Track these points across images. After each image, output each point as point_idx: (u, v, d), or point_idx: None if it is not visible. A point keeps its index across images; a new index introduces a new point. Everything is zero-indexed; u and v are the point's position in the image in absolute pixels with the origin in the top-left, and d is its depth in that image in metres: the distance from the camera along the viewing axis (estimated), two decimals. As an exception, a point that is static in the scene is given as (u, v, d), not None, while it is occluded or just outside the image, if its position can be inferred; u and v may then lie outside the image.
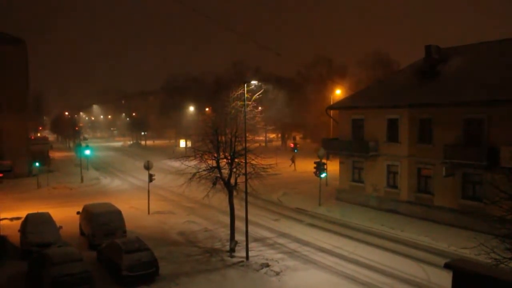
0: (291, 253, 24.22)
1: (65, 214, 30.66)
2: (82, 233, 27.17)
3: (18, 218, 29.66)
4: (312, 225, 30.26)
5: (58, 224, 24.98)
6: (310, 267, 22.08)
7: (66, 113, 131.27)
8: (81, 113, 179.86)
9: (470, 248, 20.47)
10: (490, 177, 23.38)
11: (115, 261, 20.23)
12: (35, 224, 24.14)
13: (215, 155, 23.24)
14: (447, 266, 5.01)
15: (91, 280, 18.59)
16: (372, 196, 34.22)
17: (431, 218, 29.50)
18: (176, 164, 25.47)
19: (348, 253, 23.96)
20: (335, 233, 28.20)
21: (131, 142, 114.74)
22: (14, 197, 40.59)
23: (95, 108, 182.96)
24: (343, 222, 30.70)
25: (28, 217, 25.33)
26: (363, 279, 20.25)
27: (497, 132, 26.10)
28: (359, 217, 31.37)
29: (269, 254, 24.02)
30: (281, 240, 26.72)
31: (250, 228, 24.33)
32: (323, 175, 35.66)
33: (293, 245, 25.66)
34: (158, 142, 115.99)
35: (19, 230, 24.95)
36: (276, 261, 22.72)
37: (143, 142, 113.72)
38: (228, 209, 24.56)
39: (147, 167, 33.13)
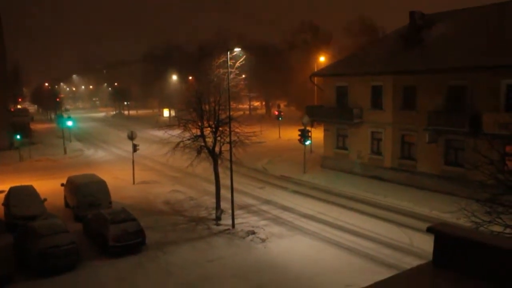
0: (276, 220, 24.52)
1: (49, 187, 30.54)
2: (67, 205, 27.12)
3: (1, 192, 29.41)
4: (297, 192, 30.58)
5: (42, 197, 24.88)
6: (295, 233, 22.40)
7: (46, 84, 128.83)
8: (61, 83, 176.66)
9: (451, 212, 20.88)
10: (473, 143, 23.77)
11: (101, 232, 20.29)
12: (19, 197, 24.01)
13: (199, 123, 23.20)
14: (429, 230, 5.14)
15: (77, 252, 18.69)
16: (357, 163, 34.58)
17: (414, 184, 29.97)
18: (160, 133, 25.64)
19: (332, 219, 24.31)
20: (320, 199, 28.56)
21: (114, 113, 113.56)
22: (-4, 170, 40.06)
23: (76, 78, 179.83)
24: (328, 189, 31.05)
25: (11, 190, 25.17)
26: (348, 244, 20.66)
27: (479, 99, 26.35)
28: (344, 184, 31.75)
29: (255, 221, 24.31)
30: (266, 207, 27.02)
31: (235, 196, 24.41)
32: (307, 143, 35.84)
33: (278, 212, 25.97)
34: (141, 112, 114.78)
35: (2, 204, 24.82)
36: (262, 228, 23.01)
37: (126, 112, 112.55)
38: (212, 177, 24.62)
39: (131, 137, 32.93)
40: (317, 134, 42.22)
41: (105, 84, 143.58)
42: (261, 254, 19.91)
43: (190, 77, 76.57)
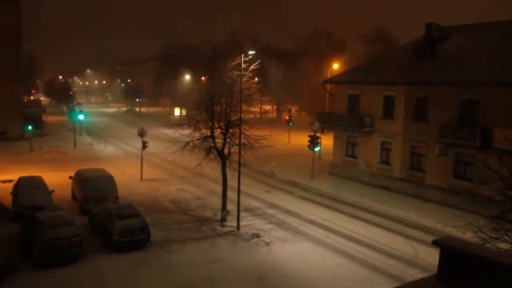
0: (281, 225, 24.40)
1: (57, 179, 30.66)
2: (74, 197, 27.19)
3: (10, 181, 29.65)
4: (303, 198, 30.42)
5: (50, 188, 25.00)
6: (299, 238, 22.27)
7: (60, 77, 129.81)
8: (75, 77, 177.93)
9: (458, 226, 20.69)
10: (483, 158, 23.54)
11: (106, 226, 20.29)
12: (27, 187, 24.11)
13: (210, 124, 23.13)
14: (435, 243, 5.09)
15: (81, 244, 18.72)
16: (365, 172, 34.40)
17: (422, 196, 29.78)
18: (170, 132, 25.48)
19: (337, 227, 24.19)
20: (326, 206, 28.41)
21: (126, 109, 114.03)
22: (6, 160, 40.50)
23: (89, 73, 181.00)
24: (334, 196, 30.86)
25: (21, 180, 25.32)
26: (351, 253, 20.52)
27: (492, 114, 26.11)
28: (351, 192, 31.56)
29: (260, 224, 24.23)
30: (271, 211, 26.90)
31: (241, 198, 24.32)
32: (316, 149, 35.62)
33: (284, 217, 25.85)
34: (152, 109, 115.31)
35: (11, 193, 24.96)
36: (266, 231, 22.92)
37: (137, 109, 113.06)
38: (220, 178, 24.56)
39: (141, 134, 32.86)
40: (327, 141, 42.08)
41: (118, 80, 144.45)
42: (265, 257, 19.80)
43: (203, 78, 76.82)
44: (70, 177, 27.91)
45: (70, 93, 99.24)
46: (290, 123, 56.90)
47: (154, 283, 17.06)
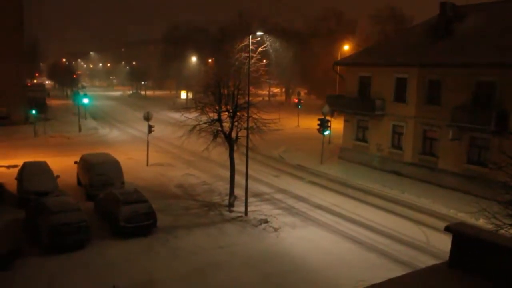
0: (290, 210, 24.43)
1: (62, 164, 30.85)
2: (79, 183, 27.37)
3: (15, 166, 29.89)
4: (312, 183, 30.39)
5: (55, 173, 25.18)
6: (308, 224, 22.33)
7: (64, 60, 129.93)
8: (79, 60, 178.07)
9: (471, 212, 20.64)
10: (498, 142, 23.33)
11: (112, 212, 20.41)
12: (32, 172, 24.26)
13: (217, 107, 23.07)
14: (447, 229, 5.08)
15: (88, 230, 18.89)
16: (376, 156, 34.27)
17: (434, 181, 29.66)
18: (176, 115, 25.57)
19: (347, 212, 24.18)
20: (336, 191, 28.41)
21: (131, 92, 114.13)
22: (11, 144, 40.81)
23: (93, 55, 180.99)
24: (344, 181, 30.81)
25: (25, 165, 25.48)
26: (361, 238, 20.55)
27: (508, 97, 25.78)
28: (361, 177, 31.50)
29: (268, 210, 24.25)
30: (280, 196, 26.91)
31: (249, 183, 24.34)
32: (326, 133, 35.42)
33: (293, 202, 25.87)
34: (158, 92, 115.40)
35: (15, 178, 25.15)
36: (275, 217, 22.96)
37: (143, 92, 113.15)
38: (227, 163, 24.55)
39: (147, 118, 32.86)
40: (337, 125, 41.85)
41: (123, 62, 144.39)
42: (273, 243, 19.86)
43: (210, 60, 76.47)
44: (75, 162, 28.02)
45: (74, 76, 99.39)
46: (300, 106, 56.76)
47: (161, 268, 17.21)
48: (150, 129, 33.14)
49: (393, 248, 19.57)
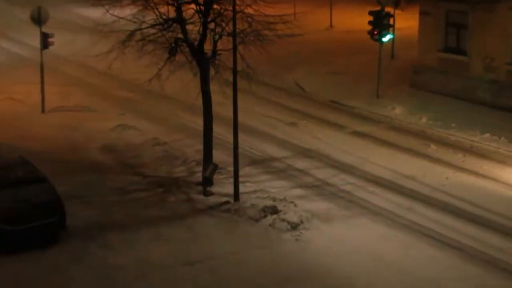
0: (321, 188, 18.52)
1: None
2: None
3: None
4: (361, 135, 23.35)
5: None
6: (355, 214, 16.61)
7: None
8: None
9: None
10: None
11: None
12: None
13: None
14: None
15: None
16: (485, 80, 26.21)
17: None
18: (95, 13, 21.23)
19: (428, 191, 17.79)
20: (407, 151, 21.56)
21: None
22: None
23: None
24: (423, 130, 23.55)
25: None
26: (459, 241, 14.52)
27: None
28: (454, 120, 24.03)
29: (278, 189, 18.39)
30: (301, 164, 20.54)
31: (242, 139, 18.50)
32: (386, 39, 27.34)
33: (325, 173, 19.70)
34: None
35: None
36: (292, 202, 17.03)
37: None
38: (198, 103, 19.15)
39: (38, 19, 25.33)
40: (406, 22, 33.22)
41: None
42: (289, 252, 14.66)
43: None
44: None
45: None
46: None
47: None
48: (45, 41, 25.67)
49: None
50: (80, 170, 19.68)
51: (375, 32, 26.23)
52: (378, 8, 26.65)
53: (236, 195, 17.16)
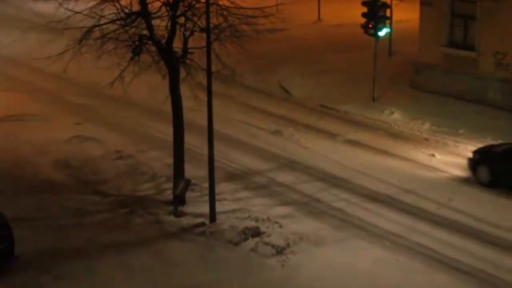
0: (309, 206, 17.68)
1: None
2: None
3: None
4: (355, 144, 22.51)
5: None
6: (350, 235, 15.79)
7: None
8: None
9: None
10: None
11: None
12: None
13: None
14: None
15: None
16: (496, 79, 25.14)
17: None
18: (47, 7, 20.03)
19: (433, 207, 16.95)
20: (407, 162, 20.79)
21: None
22: None
23: None
24: (426, 138, 22.45)
25: None
26: (470, 265, 13.66)
27: None
28: (463, 126, 22.92)
29: (261, 207, 17.59)
30: (286, 177, 19.84)
31: (218, 150, 17.52)
32: (383, 33, 26.17)
33: (314, 188, 18.92)
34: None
35: None
36: (276, 222, 16.34)
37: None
38: (166, 109, 18.67)
39: None
40: (404, 15, 32.21)
41: None
42: (275, 281, 14.04)
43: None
44: None
45: None
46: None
47: None
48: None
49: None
50: (30, 189, 18.72)
51: (370, 26, 25.15)
52: (372, -1, 25.70)
53: (212, 215, 16.26)
